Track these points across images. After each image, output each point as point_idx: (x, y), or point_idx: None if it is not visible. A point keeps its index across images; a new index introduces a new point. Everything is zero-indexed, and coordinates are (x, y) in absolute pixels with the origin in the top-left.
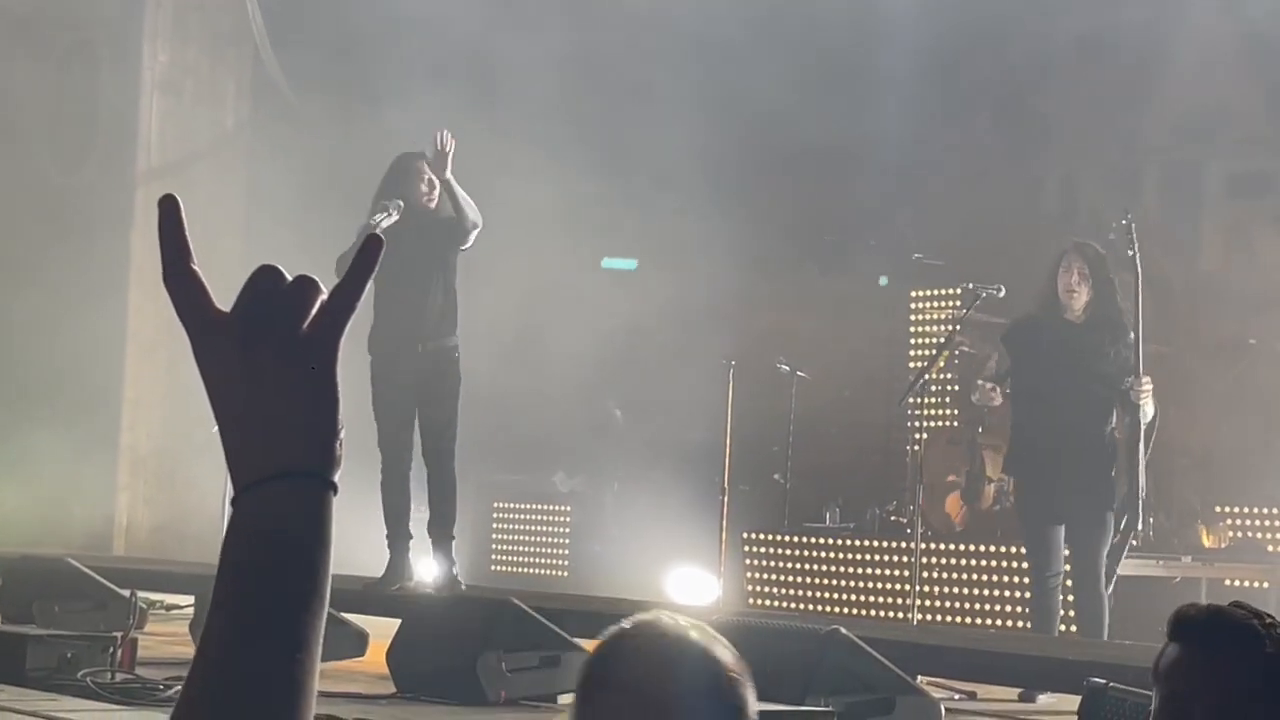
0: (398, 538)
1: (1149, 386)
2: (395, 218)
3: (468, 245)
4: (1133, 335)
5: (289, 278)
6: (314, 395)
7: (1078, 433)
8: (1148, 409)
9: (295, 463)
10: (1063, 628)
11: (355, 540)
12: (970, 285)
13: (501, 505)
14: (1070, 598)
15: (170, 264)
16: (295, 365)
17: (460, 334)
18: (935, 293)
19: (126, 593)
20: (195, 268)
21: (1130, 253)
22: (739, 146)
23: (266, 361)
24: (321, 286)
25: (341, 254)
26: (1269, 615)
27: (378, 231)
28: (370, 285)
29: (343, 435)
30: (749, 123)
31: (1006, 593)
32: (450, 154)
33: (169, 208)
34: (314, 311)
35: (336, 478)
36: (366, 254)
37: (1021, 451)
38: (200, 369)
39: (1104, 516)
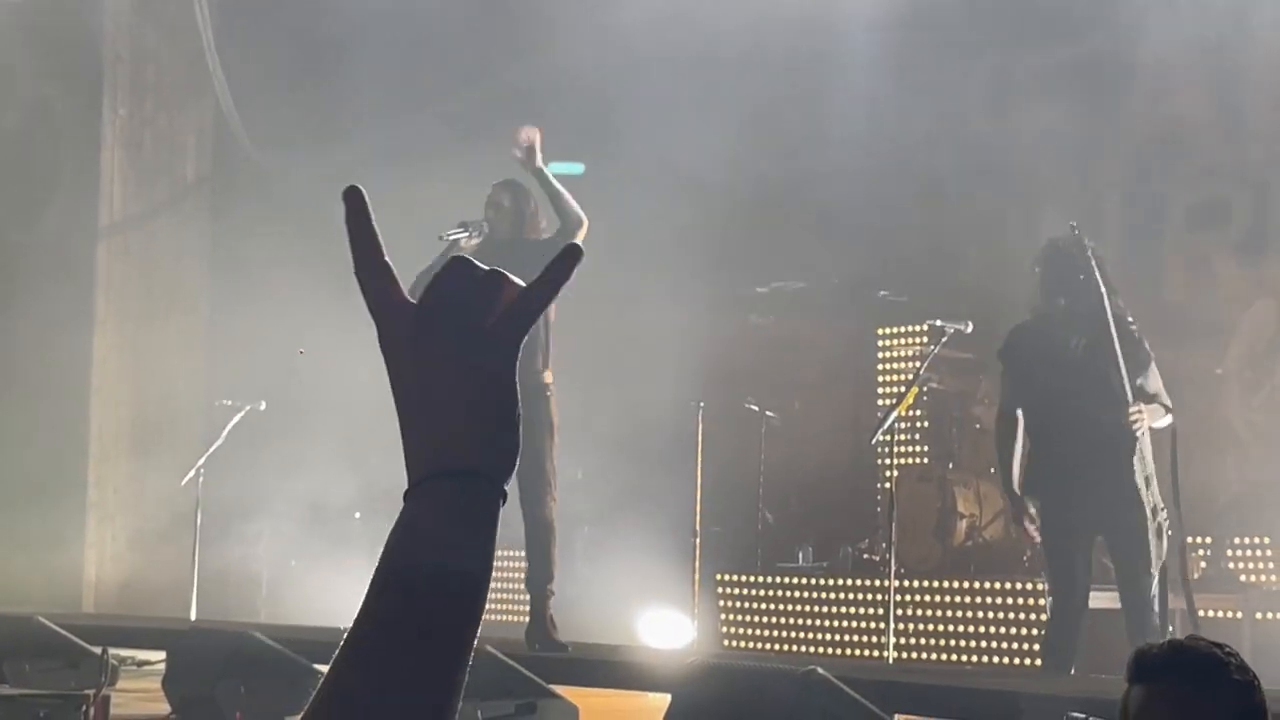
0: None
1: (1138, 414)
2: (475, 239)
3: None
4: (1137, 334)
5: (482, 269)
6: (491, 393)
7: (1096, 430)
8: (1162, 421)
9: (465, 462)
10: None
11: (322, 589)
12: (937, 322)
13: None
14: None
15: (361, 257)
16: (474, 359)
17: (554, 369)
18: (901, 330)
19: (98, 650)
20: (386, 260)
21: (1084, 276)
22: (702, 189)
23: (447, 353)
24: (517, 283)
25: (421, 271)
26: (1226, 645)
27: (459, 244)
28: None
29: (520, 440)
30: (711, 166)
31: (982, 628)
32: (538, 144)
33: (356, 202)
34: (500, 308)
35: (507, 486)
36: (565, 259)
37: (1040, 467)
38: (384, 358)
39: (1144, 522)
